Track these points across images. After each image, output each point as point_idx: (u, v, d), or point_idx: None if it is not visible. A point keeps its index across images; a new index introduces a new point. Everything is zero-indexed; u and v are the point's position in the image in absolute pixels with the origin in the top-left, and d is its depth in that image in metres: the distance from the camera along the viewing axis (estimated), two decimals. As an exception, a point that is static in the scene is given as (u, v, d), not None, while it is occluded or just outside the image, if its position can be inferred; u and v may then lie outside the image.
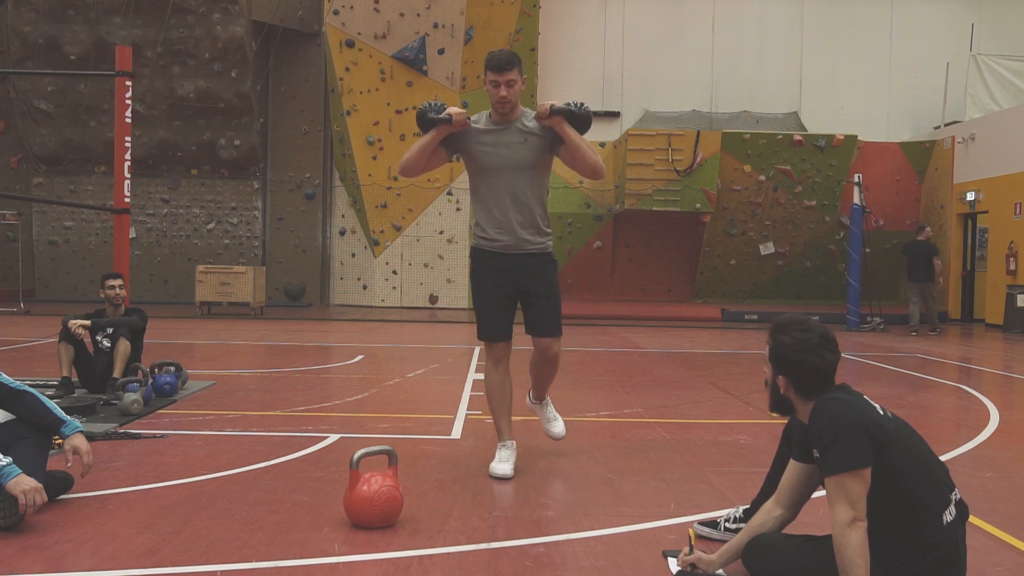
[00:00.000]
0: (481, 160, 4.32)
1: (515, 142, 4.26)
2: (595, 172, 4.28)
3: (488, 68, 4.19)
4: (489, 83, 4.21)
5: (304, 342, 11.49)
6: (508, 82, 4.16)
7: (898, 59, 20.01)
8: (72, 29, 17.91)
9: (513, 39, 18.47)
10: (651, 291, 19.74)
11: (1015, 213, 16.03)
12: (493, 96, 4.21)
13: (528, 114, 4.32)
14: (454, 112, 4.22)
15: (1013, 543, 3.40)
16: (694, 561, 2.89)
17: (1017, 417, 6.54)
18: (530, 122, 4.28)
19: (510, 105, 4.22)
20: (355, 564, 3.05)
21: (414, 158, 4.31)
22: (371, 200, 18.75)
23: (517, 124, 4.28)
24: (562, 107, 4.19)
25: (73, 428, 3.64)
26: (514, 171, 4.27)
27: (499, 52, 4.22)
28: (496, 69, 4.17)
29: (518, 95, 4.24)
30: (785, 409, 2.84)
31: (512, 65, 4.17)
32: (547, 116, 4.19)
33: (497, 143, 4.27)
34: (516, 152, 4.26)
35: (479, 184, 4.38)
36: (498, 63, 4.16)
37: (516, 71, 4.18)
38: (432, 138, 4.28)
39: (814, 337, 2.71)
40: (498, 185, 4.29)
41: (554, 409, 4.78)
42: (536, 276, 4.35)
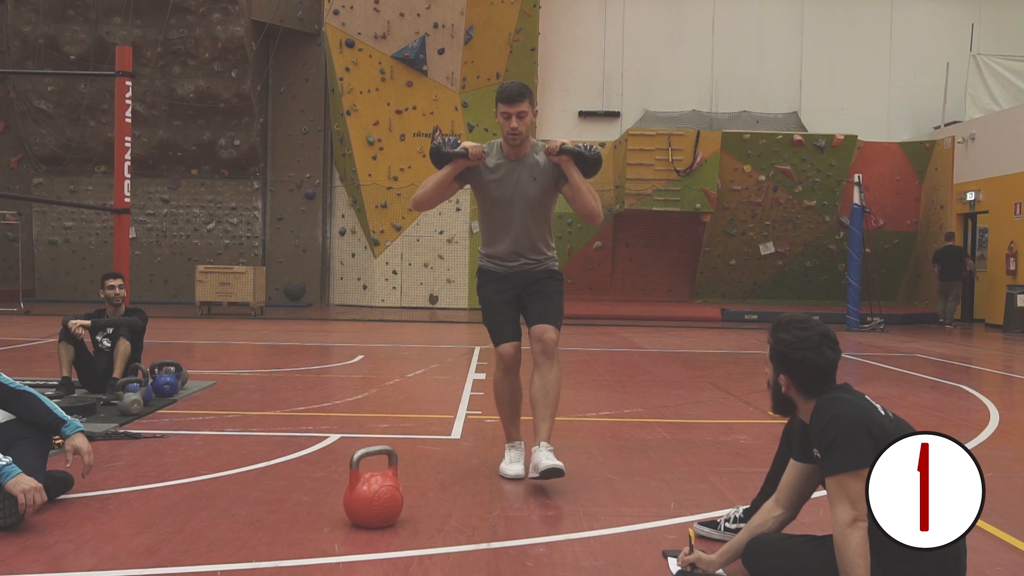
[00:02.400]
0: (491, 193, 4.31)
1: (525, 178, 4.26)
2: (591, 217, 4.28)
3: (499, 100, 4.17)
4: (500, 115, 4.17)
5: (304, 342, 11.49)
6: (519, 113, 4.13)
7: (898, 59, 20.01)
8: (72, 29, 17.92)
9: (513, 39, 18.48)
10: (651, 291, 19.74)
11: (1015, 213, 16.03)
12: (504, 128, 4.18)
13: (538, 146, 4.30)
14: (469, 146, 4.20)
15: (1013, 543, 3.40)
16: (694, 561, 2.89)
17: (1017, 417, 6.54)
18: (540, 156, 4.27)
19: (521, 137, 4.19)
20: (355, 564, 3.05)
21: (429, 193, 4.27)
22: (371, 200, 18.75)
23: (528, 159, 4.27)
24: (571, 148, 4.17)
25: (74, 428, 3.64)
26: (523, 205, 4.29)
27: (510, 84, 4.20)
28: (507, 100, 4.14)
29: (528, 127, 4.22)
30: (787, 409, 2.84)
31: (523, 97, 4.14)
32: (555, 154, 4.18)
33: (508, 178, 4.26)
34: (526, 189, 4.27)
35: (487, 212, 4.38)
36: (509, 95, 4.14)
37: (527, 102, 4.15)
38: (448, 173, 4.24)
39: (814, 335, 2.71)
40: (506, 216, 4.31)
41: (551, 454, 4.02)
42: (539, 279, 4.37)
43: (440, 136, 4.33)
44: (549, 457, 3.95)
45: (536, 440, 4.10)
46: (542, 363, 4.22)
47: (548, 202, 4.36)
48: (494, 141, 4.36)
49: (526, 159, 4.26)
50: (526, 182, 4.25)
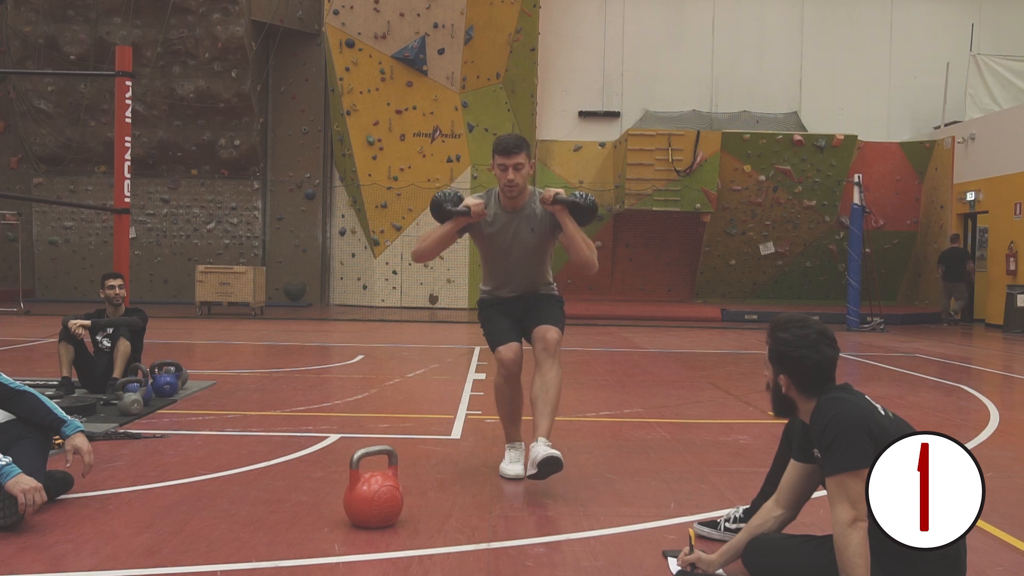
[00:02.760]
0: (491, 243, 4.34)
1: (523, 230, 4.28)
2: (586, 267, 4.28)
3: (496, 152, 4.18)
4: (497, 167, 4.18)
5: (304, 342, 11.49)
6: (516, 165, 4.13)
7: (898, 59, 20.00)
8: (72, 29, 17.91)
9: (513, 39, 18.47)
10: (651, 291, 19.74)
11: (1015, 213, 16.03)
12: (501, 180, 4.18)
13: (536, 195, 4.30)
14: (472, 203, 4.20)
15: (1013, 543, 3.41)
16: (694, 561, 2.89)
17: (1017, 417, 6.54)
18: (537, 206, 4.28)
19: (518, 189, 4.19)
20: (355, 564, 3.05)
21: (431, 249, 4.29)
22: (371, 200, 18.75)
23: (526, 211, 4.28)
24: (565, 198, 4.17)
25: (74, 428, 3.64)
26: (521, 255, 4.32)
27: (507, 136, 4.22)
28: (504, 153, 4.14)
29: (526, 178, 4.22)
30: (788, 410, 2.84)
31: (520, 149, 4.15)
32: (549, 203, 4.18)
33: (505, 230, 4.28)
34: (524, 240, 4.29)
35: (486, 258, 4.43)
36: (506, 147, 4.14)
37: (524, 154, 4.16)
38: (450, 230, 4.26)
39: (812, 333, 2.72)
40: (505, 264, 4.35)
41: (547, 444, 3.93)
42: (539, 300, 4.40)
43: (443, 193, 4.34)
44: (547, 447, 3.87)
45: (534, 436, 4.02)
46: (543, 361, 4.19)
47: (546, 249, 4.40)
48: (491, 189, 4.37)
49: (524, 210, 4.27)
50: (524, 234, 4.28)
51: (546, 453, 3.81)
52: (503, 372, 4.25)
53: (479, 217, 4.22)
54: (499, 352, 4.27)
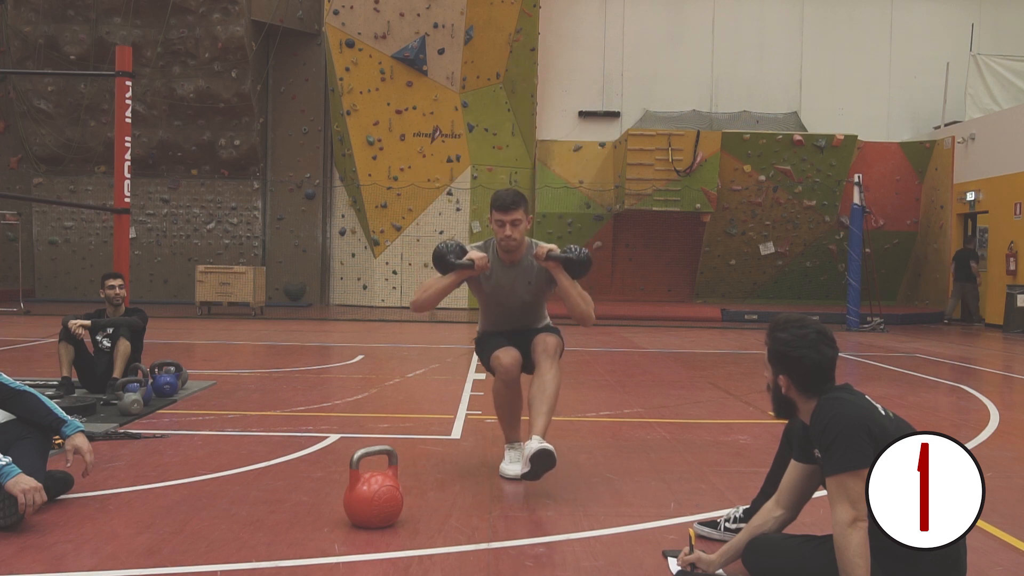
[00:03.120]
0: (488, 293, 4.40)
1: (520, 284, 4.32)
2: (582, 320, 4.30)
3: (493, 207, 4.22)
4: (495, 222, 4.22)
5: (304, 342, 11.49)
6: (513, 221, 4.17)
7: (898, 59, 20.01)
8: (72, 29, 17.91)
9: (513, 39, 18.48)
10: (651, 291, 19.74)
11: (1015, 213, 16.03)
12: (499, 235, 4.23)
13: (533, 247, 4.31)
14: (475, 257, 4.22)
15: (1013, 543, 3.40)
16: (694, 561, 2.89)
17: (1017, 417, 6.54)
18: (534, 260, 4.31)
19: (515, 244, 4.23)
20: (355, 564, 3.05)
21: (432, 299, 4.32)
22: (371, 200, 18.75)
23: (523, 263, 4.31)
24: (558, 255, 4.19)
25: (74, 428, 3.64)
26: (518, 305, 4.37)
27: (505, 192, 4.24)
28: (501, 209, 4.18)
29: (523, 233, 4.25)
30: (788, 410, 2.84)
31: (517, 205, 4.18)
32: (543, 259, 4.21)
33: (503, 284, 4.33)
34: (521, 294, 4.35)
35: (484, 305, 4.48)
36: (503, 203, 4.18)
37: (522, 210, 4.19)
38: (452, 282, 4.30)
39: (811, 332, 2.72)
40: (504, 311, 4.41)
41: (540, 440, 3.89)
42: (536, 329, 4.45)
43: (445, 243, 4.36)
44: (540, 442, 3.80)
45: (529, 434, 3.94)
46: (542, 362, 4.19)
47: (543, 299, 4.44)
48: (490, 240, 4.40)
49: (521, 263, 4.31)
50: (521, 287, 4.33)
51: (539, 446, 3.78)
52: (502, 377, 4.22)
53: (482, 270, 4.25)
54: (497, 358, 4.23)
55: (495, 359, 4.24)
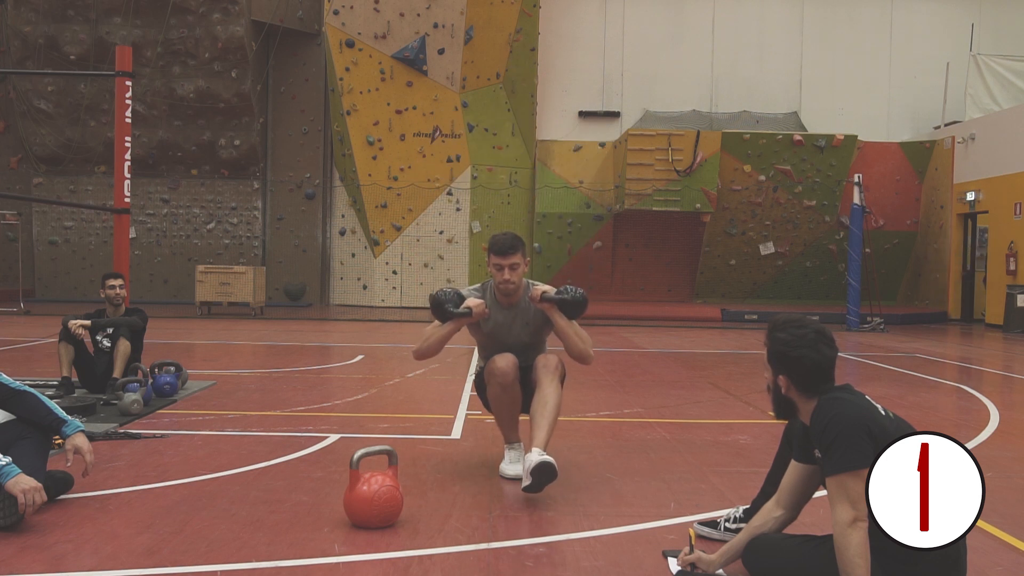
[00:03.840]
0: (485, 336, 4.41)
1: (518, 327, 4.35)
2: (581, 359, 4.30)
3: (491, 251, 4.22)
4: (493, 266, 4.23)
5: (304, 342, 11.49)
6: (512, 265, 4.18)
7: (898, 59, 20.01)
8: (72, 29, 17.91)
9: (513, 39, 18.48)
10: (651, 291, 19.74)
11: (1015, 213, 16.03)
12: (497, 278, 4.24)
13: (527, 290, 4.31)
14: (473, 305, 4.22)
15: (1013, 543, 3.40)
16: (694, 561, 2.89)
17: (1017, 417, 6.54)
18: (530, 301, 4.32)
19: (513, 287, 4.25)
20: (355, 564, 3.05)
21: (434, 347, 4.33)
22: (371, 200, 18.75)
23: (521, 306, 4.32)
24: (552, 296, 4.19)
25: (74, 428, 3.64)
26: (517, 344, 4.37)
27: (503, 236, 4.24)
28: (499, 253, 4.19)
29: (521, 277, 4.26)
30: (788, 411, 2.84)
31: (516, 249, 4.19)
32: (537, 301, 4.21)
33: (501, 327, 4.35)
34: (520, 336, 4.36)
35: (483, 346, 4.49)
36: (501, 247, 4.18)
37: (519, 254, 4.20)
38: (451, 331, 4.30)
39: (810, 332, 2.72)
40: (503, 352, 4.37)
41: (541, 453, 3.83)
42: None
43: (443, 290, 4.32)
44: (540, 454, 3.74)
45: (530, 447, 3.89)
46: (543, 378, 4.13)
47: (542, 336, 4.44)
48: (487, 283, 4.41)
49: (519, 305, 4.33)
50: (519, 330, 4.35)
51: (539, 459, 3.69)
52: (499, 381, 4.16)
53: (480, 317, 4.26)
54: (494, 361, 4.19)
55: (491, 363, 4.22)
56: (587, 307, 4.27)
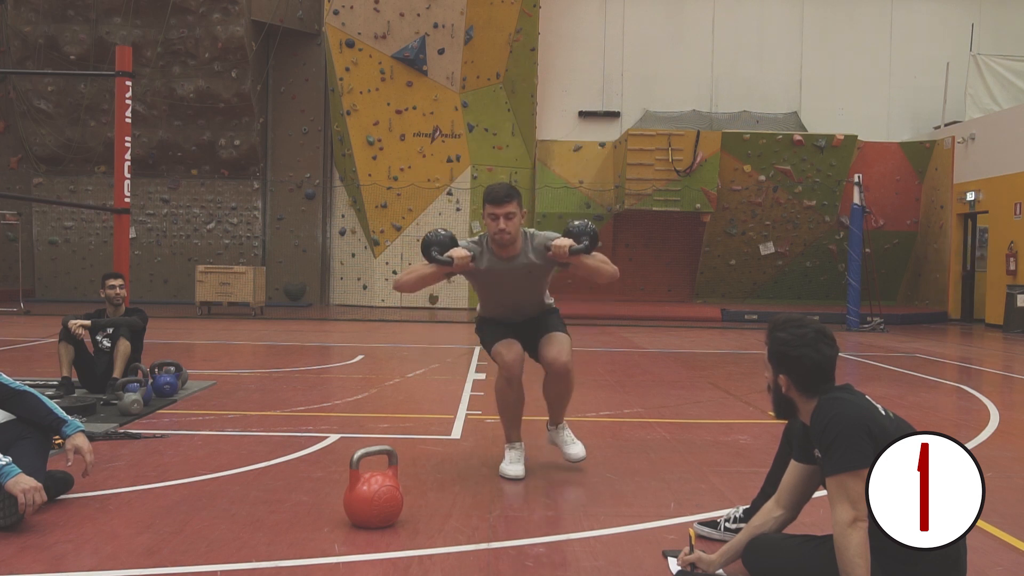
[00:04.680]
0: (485, 286, 4.39)
1: (520, 276, 4.28)
2: (612, 280, 4.33)
3: (486, 201, 4.16)
4: (487, 216, 4.16)
5: (304, 342, 11.49)
6: (507, 215, 4.11)
7: (898, 59, 20.01)
8: (72, 29, 17.91)
9: (513, 39, 18.48)
10: (651, 291, 19.74)
11: (1015, 213, 16.03)
12: (492, 229, 4.16)
13: (529, 240, 4.26)
14: (457, 256, 4.14)
15: (1013, 543, 3.40)
16: (694, 561, 2.89)
17: (1017, 417, 6.54)
18: (532, 254, 4.24)
19: (509, 238, 4.16)
20: (355, 564, 3.05)
21: (413, 284, 4.29)
22: (371, 200, 18.75)
23: (520, 259, 4.25)
24: (579, 248, 4.12)
25: (74, 428, 3.64)
26: (518, 297, 4.35)
27: (498, 185, 4.19)
28: (494, 202, 4.12)
29: (518, 227, 4.19)
30: (788, 410, 2.84)
31: (511, 198, 4.13)
32: (566, 257, 4.14)
33: (501, 279, 4.30)
34: (521, 286, 4.32)
35: (483, 296, 4.48)
36: (496, 196, 4.12)
37: (515, 204, 4.14)
38: (433, 272, 4.25)
39: (810, 332, 2.72)
40: (503, 303, 4.39)
41: (571, 433, 4.52)
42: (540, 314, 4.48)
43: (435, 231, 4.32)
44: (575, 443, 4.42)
45: (554, 421, 4.47)
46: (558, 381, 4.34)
47: (544, 285, 4.43)
48: (482, 236, 4.34)
49: (518, 258, 4.25)
50: (520, 280, 4.29)
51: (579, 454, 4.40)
52: (505, 374, 4.24)
53: (461, 269, 4.19)
54: (500, 353, 4.25)
55: (497, 354, 4.27)
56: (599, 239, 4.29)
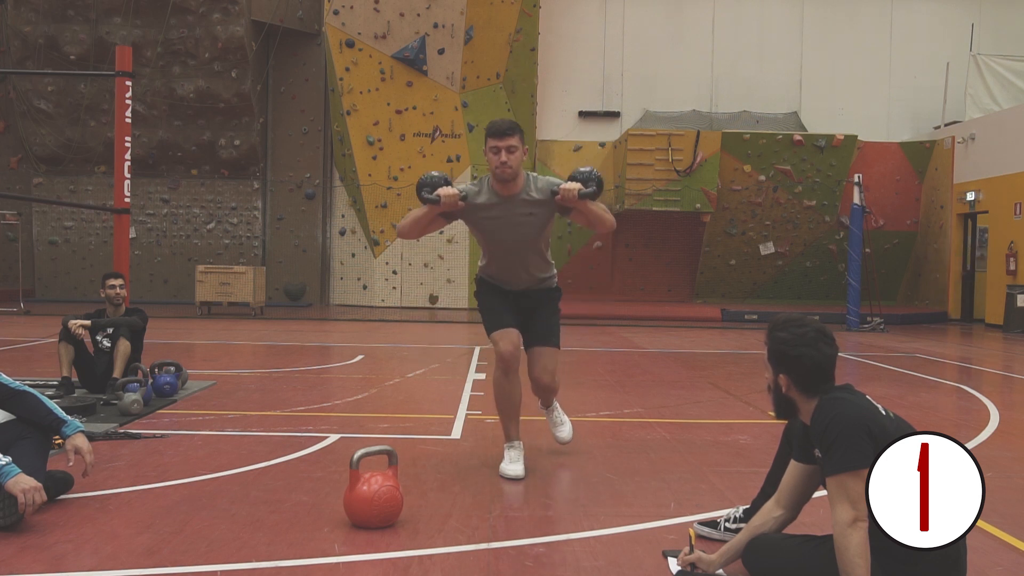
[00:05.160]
0: (486, 231, 4.33)
1: (520, 217, 4.22)
2: (609, 230, 4.36)
3: (488, 134, 4.13)
4: (489, 149, 4.12)
5: (304, 342, 11.49)
6: (508, 148, 4.08)
7: (898, 59, 20.00)
8: (72, 29, 17.91)
9: (513, 39, 18.47)
10: (651, 291, 19.74)
11: (1015, 213, 16.03)
12: (493, 163, 4.12)
13: (532, 182, 4.24)
14: (443, 194, 4.12)
15: (1013, 543, 3.40)
16: (694, 561, 2.89)
17: (1017, 417, 6.54)
18: (535, 193, 4.21)
19: (511, 172, 4.13)
20: (355, 564, 3.05)
21: (408, 228, 4.33)
22: (371, 200, 18.75)
23: (522, 196, 4.21)
24: (587, 192, 4.11)
25: (74, 428, 3.64)
26: (519, 241, 4.29)
27: (500, 120, 4.19)
28: (496, 135, 4.10)
29: (519, 162, 4.15)
30: (789, 410, 2.84)
31: (513, 132, 4.11)
32: (575, 201, 4.11)
33: (501, 217, 4.23)
34: (522, 226, 4.24)
35: (483, 244, 4.43)
36: (498, 129, 4.11)
37: (517, 137, 4.11)
38: (426, 214, 4.26)
39: (810, 331, 2.72)
40: (504, 250, 4.34)
41: (562, 413, 4.78)
42: (539, 297, 4.47)
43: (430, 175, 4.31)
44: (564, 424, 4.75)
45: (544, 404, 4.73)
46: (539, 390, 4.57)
47: (546, 233, 4.39)
48: (484, 177, 4.31)
49: (519, 196, 4.21)
50: (521, 221, 4.22)
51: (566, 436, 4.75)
52: (502, 366, 4.28)
53: (450, 208, 4.16)
54: (497, 343, 4.28)
55: (494, 343, 4.31)
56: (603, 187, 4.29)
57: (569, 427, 4.77)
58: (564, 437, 4.73)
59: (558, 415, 4.75)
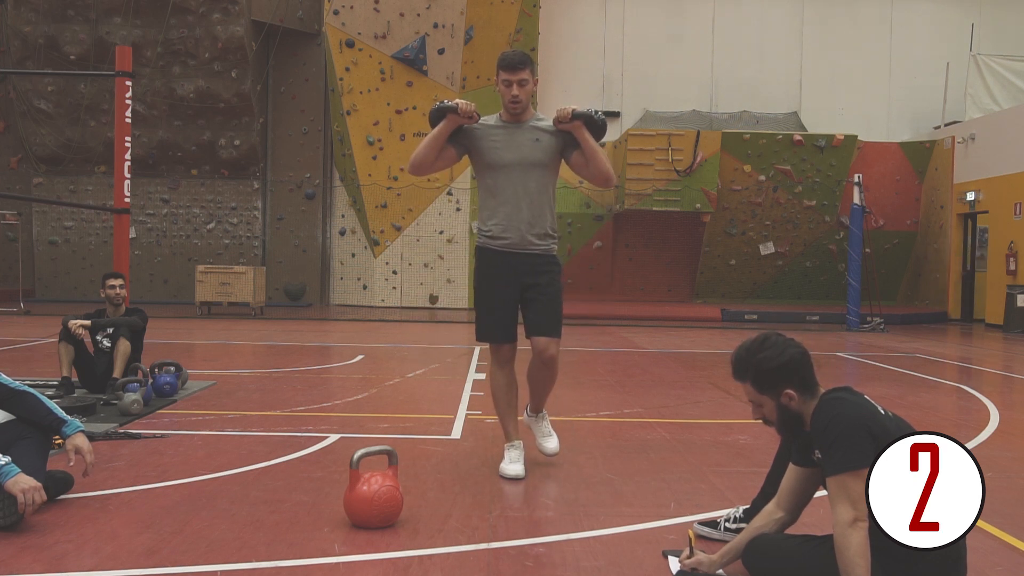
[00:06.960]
0: (490, 156, 4.28)
1: (526, 140, 4.26)
2: (607, 180, 4.30)
3: (500, 67, 4.19)
4: (501, 82, 4.20)
5: (304, 342, 11.49)
6: (520, 81, 4.16)
7: (898, 59, 20.01)
8: (72, 29, 17.91)
9: (513, 39, 18.47)
10: (651, 291, 19.74)
11: (1015, 213, 16.03)
12: (505, 96, 4.20)
13: (540, 116, 4.35)
14: (460, 102, 4.21)
15: (1013, 543, 3.40)
16: (695, 565, 2.89)
17: (1017, 417, 6.54)
18: (542, 123, 4.30)
19: (522, 105, 4.22)
20: (355, 564, 3.05)
21: (423, 152, 4.26)
22: (371, 200, 18.75)
23: (529, 123, 4.30)
24: (583, 112, 4.19)
25: (74, 428, 3.64)
26: (524, 169, 4.25)
27: (511, 52, 4.23)
28: (508, 68, 4.16)
29: (530, 96, 4.24)
30: (797, 426, 2.81)
31: (524, 65, 4.17)
32: (568, 120, 4.17)
33: (508, 140, 4.27)
34: (527, 149, 4.26)
35: (487, 180, 4.33)
36: (510, 62, 4.16)
37: (528, 71, 4.19)
38: (441, 130, 4.23)
39: (774, 336, 2.81)
40: (507, 181, 4.26)
41: (550, 425, 4.62)
42: (538, 275, 4.30)
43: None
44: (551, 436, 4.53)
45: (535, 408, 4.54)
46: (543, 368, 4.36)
47: (551, 168, 4.34)
48: (492, 115, 4.38)
49: (527, 123, 4.30)
50: (527, 143, 4.25)
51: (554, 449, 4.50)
52: (498, 359, 4.38)
53: (467, 116, 4.18)
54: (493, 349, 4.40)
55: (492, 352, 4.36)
56: (605, 132, 4.30)
57: (556, 440, 4.55)
58: (551, 449, 4.51)
59: (546, 425, 4.57)
